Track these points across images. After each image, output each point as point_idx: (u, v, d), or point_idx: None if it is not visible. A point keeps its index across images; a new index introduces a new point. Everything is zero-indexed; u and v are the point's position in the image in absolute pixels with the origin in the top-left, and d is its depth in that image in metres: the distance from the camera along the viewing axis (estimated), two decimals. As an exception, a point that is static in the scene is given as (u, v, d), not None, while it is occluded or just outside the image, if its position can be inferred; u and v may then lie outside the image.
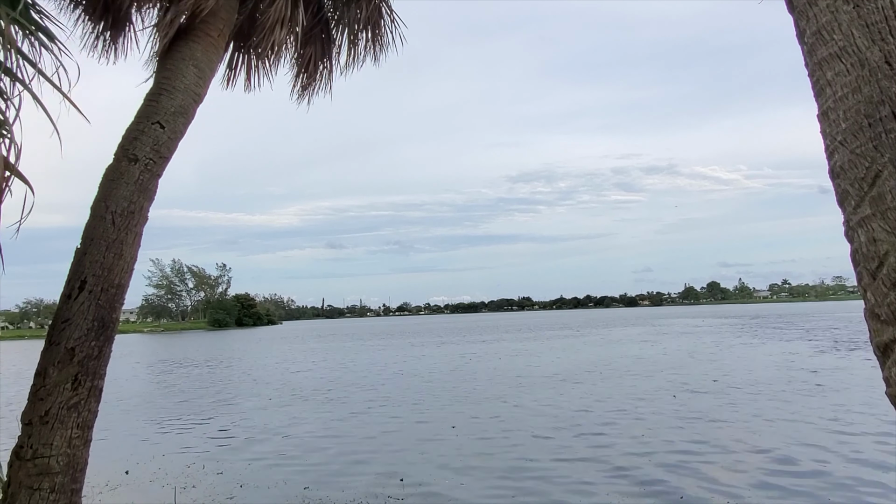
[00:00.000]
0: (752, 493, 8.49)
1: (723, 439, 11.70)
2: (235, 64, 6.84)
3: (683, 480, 9.18)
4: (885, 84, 2.17)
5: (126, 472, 10.93)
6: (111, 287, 4.55)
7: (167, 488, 9.66)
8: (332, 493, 9.18)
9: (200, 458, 12.09)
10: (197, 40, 5.37)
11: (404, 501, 8.67)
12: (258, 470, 10.88)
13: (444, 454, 11.50)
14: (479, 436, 12.99)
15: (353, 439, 13.27)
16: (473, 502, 8.63)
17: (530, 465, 10.41)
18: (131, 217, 4.71)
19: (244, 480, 10.18)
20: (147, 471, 11.02)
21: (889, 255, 2.12)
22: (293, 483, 9.85)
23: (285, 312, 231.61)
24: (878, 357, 2.24)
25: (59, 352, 4.33)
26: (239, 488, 9.71)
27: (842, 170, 2.30)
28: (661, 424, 13.32)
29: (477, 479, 9.68)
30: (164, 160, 5.00)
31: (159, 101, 5.06)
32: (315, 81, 7.24)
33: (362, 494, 9.02)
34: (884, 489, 8.45)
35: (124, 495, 9.42)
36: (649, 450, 11.08)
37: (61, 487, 4.16)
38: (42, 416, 4.20)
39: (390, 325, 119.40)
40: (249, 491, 9.55)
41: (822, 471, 9.45)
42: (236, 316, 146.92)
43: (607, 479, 9.46)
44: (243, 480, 10.18)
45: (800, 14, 2.48)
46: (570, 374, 23.61)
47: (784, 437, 11.66)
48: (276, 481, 10.00)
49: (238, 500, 9.11)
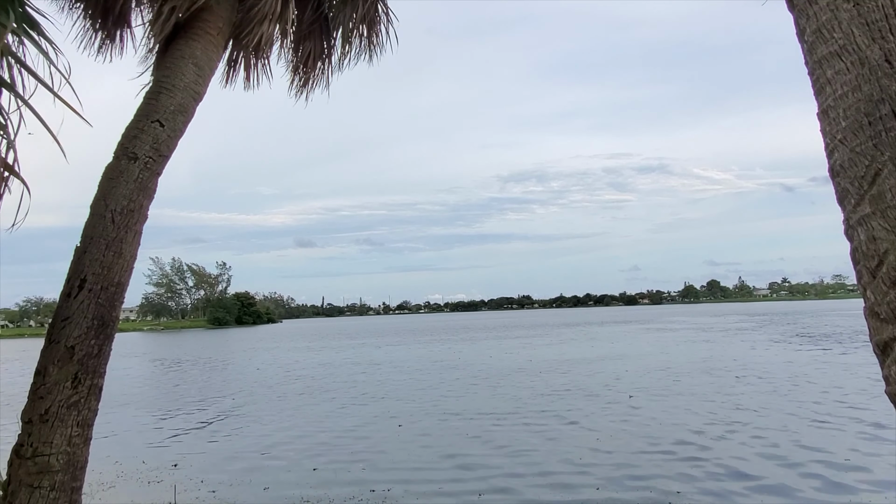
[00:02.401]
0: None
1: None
2: (235, 62, 6.83)
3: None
4: (885, 82, 2.16)
5: (126, 471, 10.94)
6: (111, 285, 4.55)
7: (167, 486, 9.67)
8: (333, 492, 9.19)
9: (201, 457, 12.10)
10: (196, 38, 5.36)
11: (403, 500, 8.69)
12: (258, 470, 10.88)
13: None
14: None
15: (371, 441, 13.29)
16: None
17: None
18: (131, 215, 4.70)
19: (245, 480, 10.19)
20: (147, 469, 11.03)
21: (889, 254, 2.12)
22: (294, 482, 9.86)
23: (285, 311, 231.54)
24: (878, 355, 2.24)
25: (59, 350, 4.32)
26: (239, 488, 9.72)
27: (842, 168, 2.29)
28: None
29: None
30: (164, 158, 5.00)
31: (159, 100, 5.05)
32: (312, 78, 7.23)
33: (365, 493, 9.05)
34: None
35: (124, 494, 9.43)
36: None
37: (61, 485, 4.16)
38: (42, 414, 4.20)
39: (394, 324, 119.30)
40: (250, 491, 9.56)
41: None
42: (236, 314, 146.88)
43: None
44: (244, 480, 10.19)
45: (800, 12, 2.48)
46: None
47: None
48: (275, 481, 10.01)
49: (239, 499, 9.12)
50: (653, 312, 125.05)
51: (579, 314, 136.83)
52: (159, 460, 11.76)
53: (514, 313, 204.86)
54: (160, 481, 10.13)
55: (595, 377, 22.09)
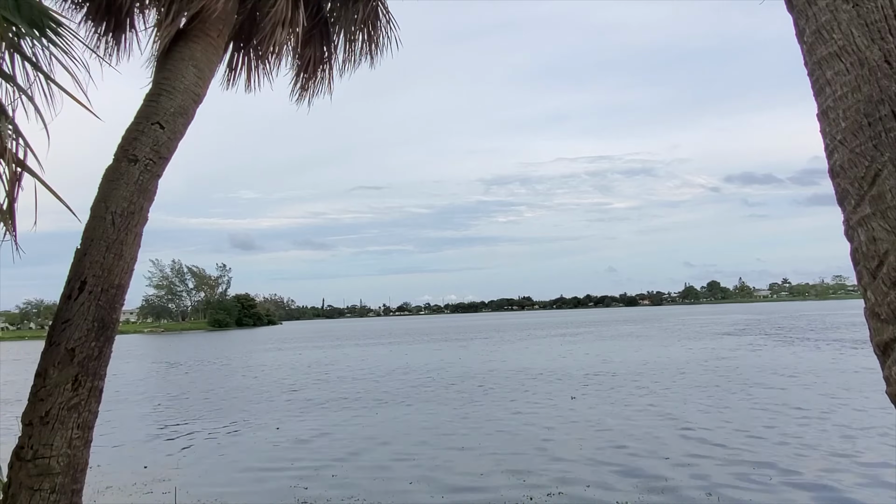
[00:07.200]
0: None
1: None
2: (235, 64, 6.84)
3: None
4: (884, 83, 2.16)
5: (126, 473, 10.93)
6: (111, 287, 4.55)
7: (168, 488, 9.66)
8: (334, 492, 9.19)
9: (201, 458, 12.10)
10: (196, 41, 5.36)
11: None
12: (258, 470, 10.87)
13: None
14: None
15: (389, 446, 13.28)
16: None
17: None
18: (131, 217, 4.71)
19: (245, 480, 10.18)
20: (147, 471, 11.02)
21: (889, 254, 2.12)
22: (292, 482, 9.84)
23: (285, 313, 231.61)
24: (878, 356, 2.24)
25: (60, 352, 4.32)
26: (240, 488, 9.71)
27: (841, 169, 2.29)
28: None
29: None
30: (164, 160, 5.00)
31: (159, 102, 5.06)
32: (314, 82, 7.25)
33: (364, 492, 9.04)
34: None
35: (125, 496, 9.42)
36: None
37: (62, 488, 4.16)
38: (42, 416, 4.20)
39: (402, 326, 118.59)
40: (250, 491, 9.55)
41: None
42: (236, 316, 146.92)
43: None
44: (244, 480, 10.19)
45: (799, 13, 2.48)
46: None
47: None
48: (276, 480, 10.00)
49: (239, 499, 9.11)
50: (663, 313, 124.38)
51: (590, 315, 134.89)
52: (160, 462, 11.75)
53: (516, 315, 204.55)
54: (161, 481, 10.12)
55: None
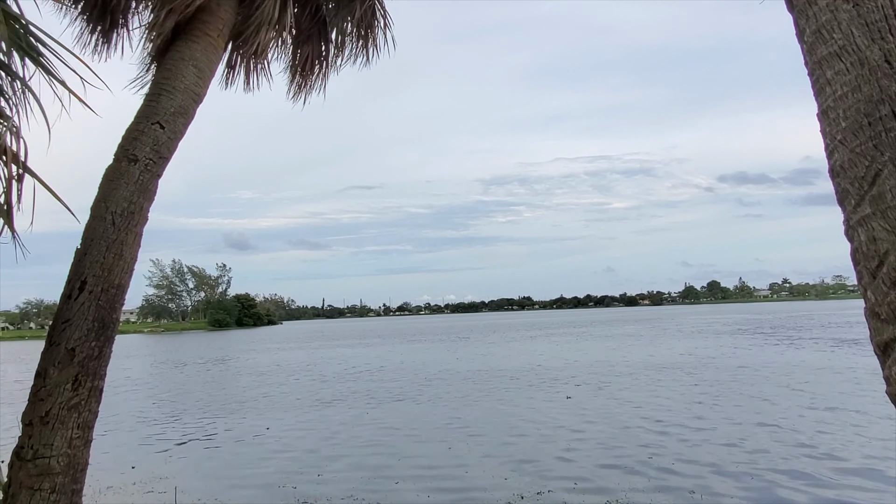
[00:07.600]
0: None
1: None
2: (234, 64, 6.84)
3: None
4: (884, 83, 2.16)
5: (125, 472, 10.93)
6: (111, 287, 4.55)
7: (167, 487, 9.66)
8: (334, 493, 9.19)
9: (201, 458, 12.09)
10: (196, 40, 5.36)
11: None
12: (258, 470, 10.87)
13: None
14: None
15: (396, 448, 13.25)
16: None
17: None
18: (131, 217, 4.70)
19: (245, 480, 10.18)
20: (148, 471, 11.01)
21: (889, 254, 2.11)
22: (292, 482, 9.84)
23: (285, 312, 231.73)
24: (879, 356, 2.24)
25: (60, 352, 4.32)
26: (240, 488, 9.71)
27: (842, 168, 2.29)
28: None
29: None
30: (164, 160, 5.00)
31: (159, 102, 5.05)
32: (311, 81, 7.25)
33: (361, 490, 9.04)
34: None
35: (124, 495, 9.42)
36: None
37: (62, 488, 4.16)
38: (42, 416, 4.19)
39: (398, 326, 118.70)
40: (250, 490, 9.55)
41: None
42: (237, 316, 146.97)
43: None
44: (244, 479, 10.18)
45: (799, 13, 2.48)
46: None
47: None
48: (276, 480, 10.00)
49: (239, 499, 9.11)
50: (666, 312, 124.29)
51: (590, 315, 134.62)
52: (160, 462, 11.75)
53: (516, 314, 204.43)
54: (161, 481, 10.12)
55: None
